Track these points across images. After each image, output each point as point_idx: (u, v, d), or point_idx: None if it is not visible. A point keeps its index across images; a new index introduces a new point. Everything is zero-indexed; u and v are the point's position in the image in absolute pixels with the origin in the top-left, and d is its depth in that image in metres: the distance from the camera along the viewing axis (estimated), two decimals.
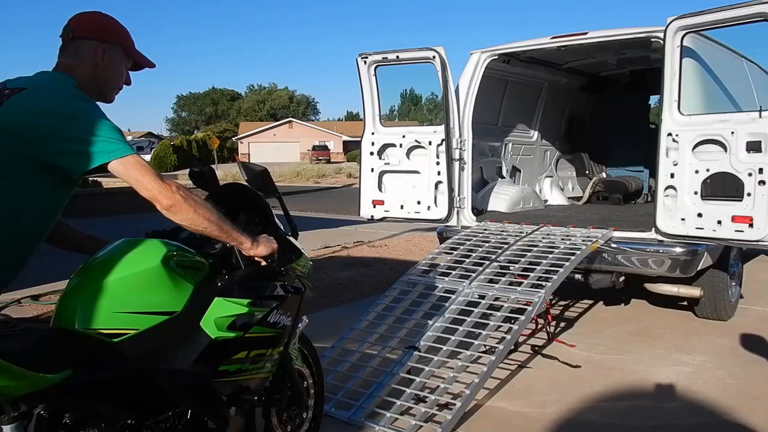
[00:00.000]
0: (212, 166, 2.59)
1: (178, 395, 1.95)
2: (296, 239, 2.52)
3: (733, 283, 5.10)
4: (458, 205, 5.26)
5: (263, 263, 2.09)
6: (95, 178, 20.04)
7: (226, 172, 35.84)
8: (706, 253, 4.42)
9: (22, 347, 1.61)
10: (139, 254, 1.92)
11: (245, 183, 2.36)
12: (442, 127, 5.12)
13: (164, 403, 1.93)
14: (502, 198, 5.99)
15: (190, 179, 2.25)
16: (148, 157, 53.25)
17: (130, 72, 2.11)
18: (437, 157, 5.18)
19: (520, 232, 4.95)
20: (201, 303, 1.96)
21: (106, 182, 19.43)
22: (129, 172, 1.79)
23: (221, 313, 1.99)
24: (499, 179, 6.37)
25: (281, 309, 2.22)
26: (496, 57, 5.54)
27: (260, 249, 2.05)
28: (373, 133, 5.45)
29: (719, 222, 4.04)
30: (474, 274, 4.28)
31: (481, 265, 4.40)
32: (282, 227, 2.45)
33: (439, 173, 5.19)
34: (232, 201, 2.32)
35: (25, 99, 1.81)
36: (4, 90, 1.86)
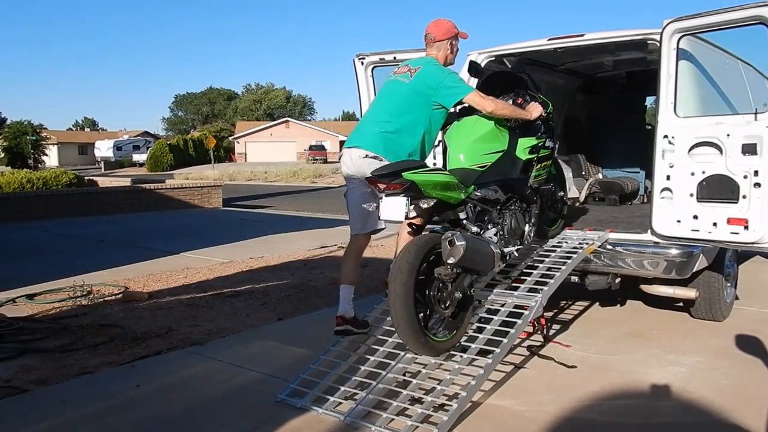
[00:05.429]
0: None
1: (517, 191, 4.01)
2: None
3: (729, 285, 5.12)
4: None
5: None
6: (91, 178, 20.00)
7: (222, 171, 35.85)
8: (701, 254, 4.43)
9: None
10: (482, 123, 3.81)
11: (503, 70, 4.77)
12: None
13: (510, 196, 3.97)
14: None
15: (468, 72, 4.58)
16: (144, 156, 53.12)
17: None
18: (434, 158, 5.18)
19: None
20: (513, 142, 3.94)
21: (102, 181, 19.37)
22: (471, 98, 3.68)
23: (524, 145, 4.01)
24: None
25: (548, 137, 4.20)
26: (493, 58, 5.53)
27: (535, 114, 3.97)
28: None
29: (715, 224, 4.06)
30: None
31: None
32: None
33: None
34: (502, 81, 4.17)
35: (424, 72, 3.72)
36: (410, 69, 3.77)
